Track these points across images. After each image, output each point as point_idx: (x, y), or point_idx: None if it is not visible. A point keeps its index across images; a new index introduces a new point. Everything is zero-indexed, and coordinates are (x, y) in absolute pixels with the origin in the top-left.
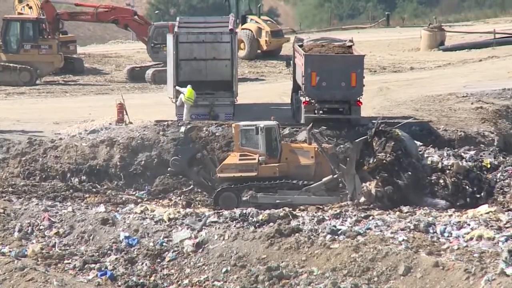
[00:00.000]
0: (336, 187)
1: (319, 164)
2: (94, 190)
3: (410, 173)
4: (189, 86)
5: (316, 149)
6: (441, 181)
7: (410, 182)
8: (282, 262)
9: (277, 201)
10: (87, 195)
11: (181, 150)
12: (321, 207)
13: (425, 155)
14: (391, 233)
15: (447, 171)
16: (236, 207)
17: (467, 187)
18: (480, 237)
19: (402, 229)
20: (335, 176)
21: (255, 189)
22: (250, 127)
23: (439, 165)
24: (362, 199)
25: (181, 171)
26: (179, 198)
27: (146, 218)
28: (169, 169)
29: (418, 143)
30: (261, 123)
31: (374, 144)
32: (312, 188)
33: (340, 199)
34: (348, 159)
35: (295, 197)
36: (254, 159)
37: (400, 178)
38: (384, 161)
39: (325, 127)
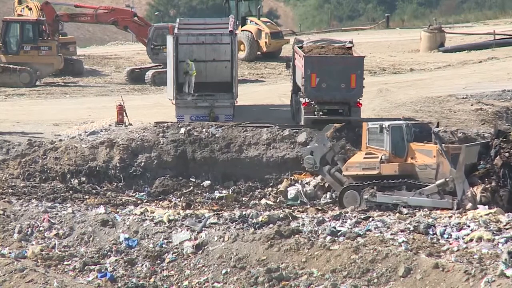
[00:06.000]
0: (453, 191)
1: (441, 164)
2: (93, 191)
3: None
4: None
5: (438, 148)
6: None
7: None
8: (282, 263)
9: (394, 201)
10: (86, 197)
11: (315, 148)
12: (320, 208)
13: None
14: (391, 234)
15: None
16: (358, 205)
17: None
18: (480, 239)
19: (402, 231)
20: (447, 179)
21: (376, 187)
22: (375, 126)
23: None
24: (468, 205)
25: (314, 169)
26: (179, 199)
27: (146, 219)
28: (303, 166)
29: None
30: (387, 122)
31: (493, 147)
32: (426, 190)
33: (452, 203)
34: (458, 162)
35: (409, 198)
36: (377, 157)
37: (509, 184)
38: (495, 166)
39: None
